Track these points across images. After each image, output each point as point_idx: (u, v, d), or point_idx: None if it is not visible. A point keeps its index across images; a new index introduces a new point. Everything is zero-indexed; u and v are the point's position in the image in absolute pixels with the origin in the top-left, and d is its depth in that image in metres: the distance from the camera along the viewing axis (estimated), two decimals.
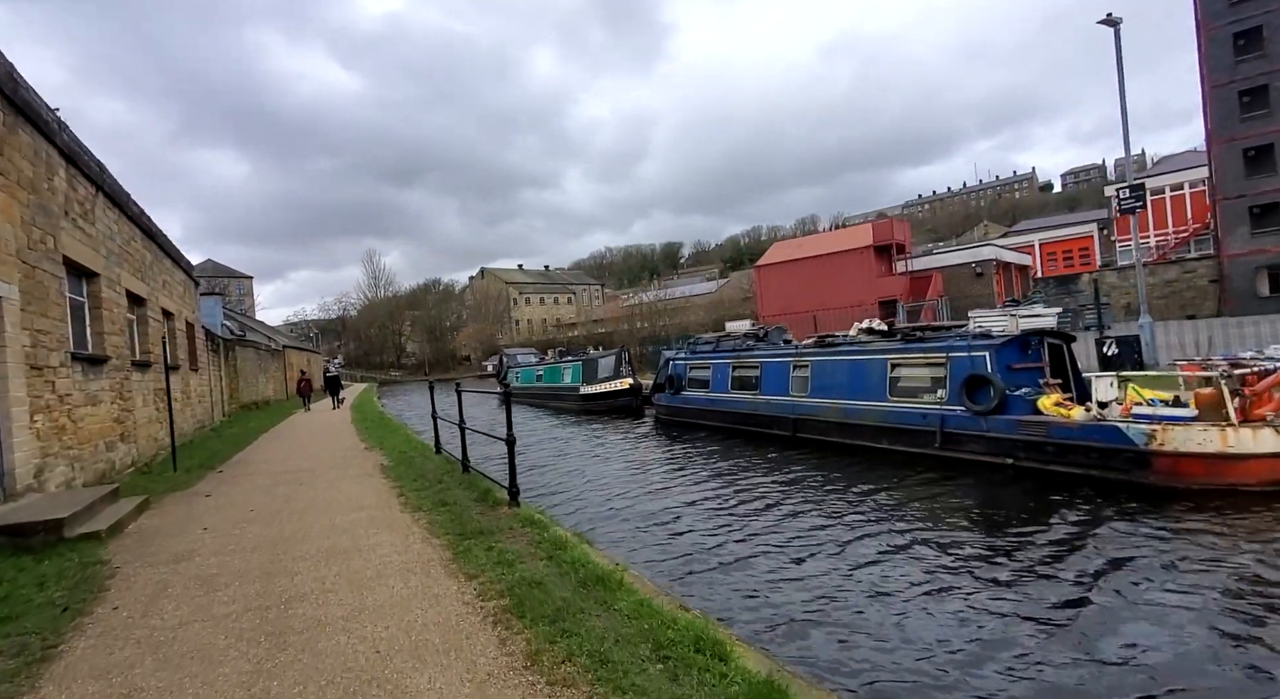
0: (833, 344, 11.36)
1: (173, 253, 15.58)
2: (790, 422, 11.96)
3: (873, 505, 8.12)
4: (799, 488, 9.34)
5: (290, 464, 9.94)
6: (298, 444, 13.04)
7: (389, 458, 9.89)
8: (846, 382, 10.81)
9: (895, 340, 10.31)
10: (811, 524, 7.60)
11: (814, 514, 8.02)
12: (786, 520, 7.84)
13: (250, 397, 28.60)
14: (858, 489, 8.89)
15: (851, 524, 7.49)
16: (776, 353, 12.76)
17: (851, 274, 28.16)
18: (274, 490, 7.67)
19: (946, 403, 9.45)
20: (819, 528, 7.40)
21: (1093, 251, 46.44)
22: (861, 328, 11.32)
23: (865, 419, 10.55)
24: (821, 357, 11.47)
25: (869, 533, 7.11)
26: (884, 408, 10.20)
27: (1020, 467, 8.70)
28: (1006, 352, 9.04)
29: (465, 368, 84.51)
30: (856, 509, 8.04)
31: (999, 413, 8.85)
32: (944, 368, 9.39)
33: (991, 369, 9.00)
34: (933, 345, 9.82)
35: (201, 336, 19.17)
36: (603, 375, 21.01)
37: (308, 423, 19.86)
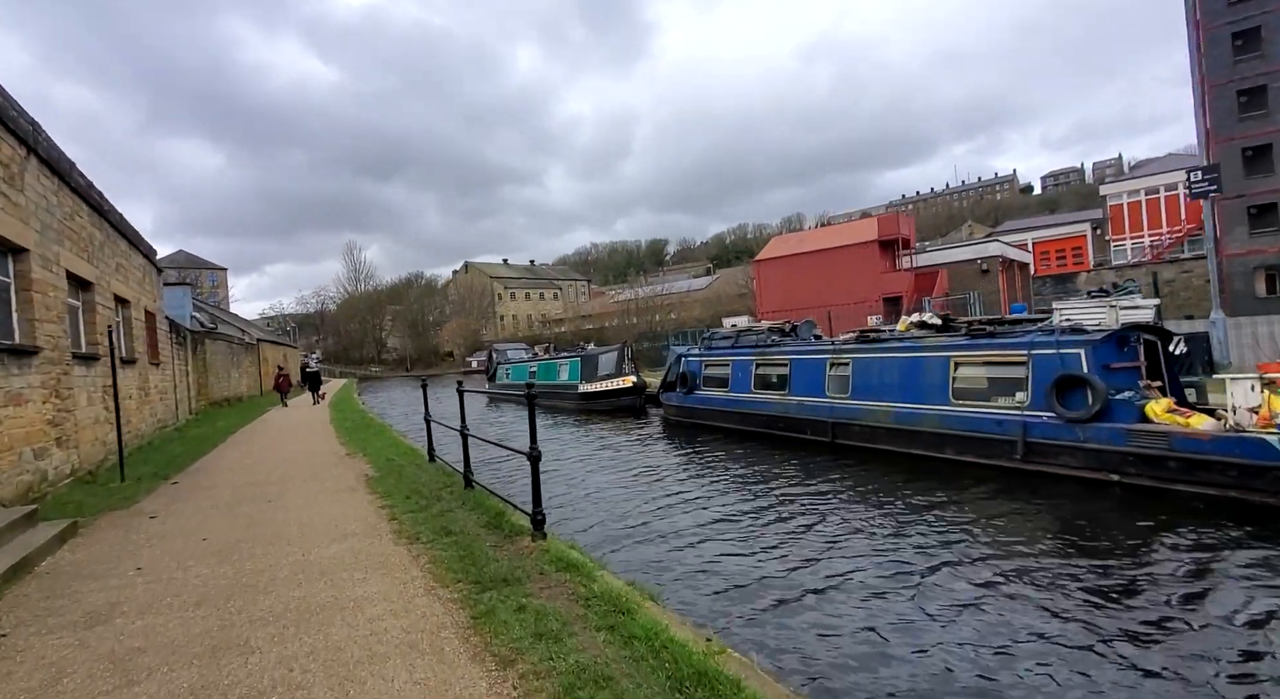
0: (878, 340, 10.24)
1: (130, 234, 14.03)
2: (827, 426, 10.78)
3: (943, 526, 7.02)
4: (848, 502, 8.23)
5: (258, 474, 8.60)
6: (269, 448, 11.65)
7: (374, 466, 8.60)
8: (898, 382, 9.69)
9: (958, 336, 9.25)
10: (879, 547, 6.51)
11: (877, 535, 6.92)
12: (845, 541, 6.75)
13: (221, 393, 26.86)
14: (919, 505, 7.76)
15: (924, 547, 6.42)
16: (809, 349, 11.61)
17: (855, 269, 27.28)
18: (235, 510, 6.36)
19: (1029, 408, 8.25)
20: (891, 555, 6.30)
21: (1085, 251, 46.34)
22: (913, 321, 10.24)
23: (923, 425, 9.33)
24: (866, 353, 10.30)
25: (947, 560, 6.04)
26: (946, 412, 9.05)
27: (1129, 484, 7.51)
28: (1103, 349, 7.87)
29: (448, 364, 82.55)
30: (925, 530, 6.95)
31: (1099, 421, 7.63)
32: (1025, 367, 8.26)
33: (1088, 369, 7.78)
34: (1009, 342, 8.57)
35: (164, 328, 17.56)
36: (603, 373, 19.74)
37: (282, 422, 18.36)
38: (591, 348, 22.91)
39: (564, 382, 21.70)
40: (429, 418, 8.74)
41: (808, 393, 11.02)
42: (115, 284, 12.28)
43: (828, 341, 11.51)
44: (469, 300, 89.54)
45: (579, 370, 20.91)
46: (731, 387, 13.04)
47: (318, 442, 12.19)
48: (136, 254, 14.65)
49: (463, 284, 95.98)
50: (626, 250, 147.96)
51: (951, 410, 8.91)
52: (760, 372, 12.36)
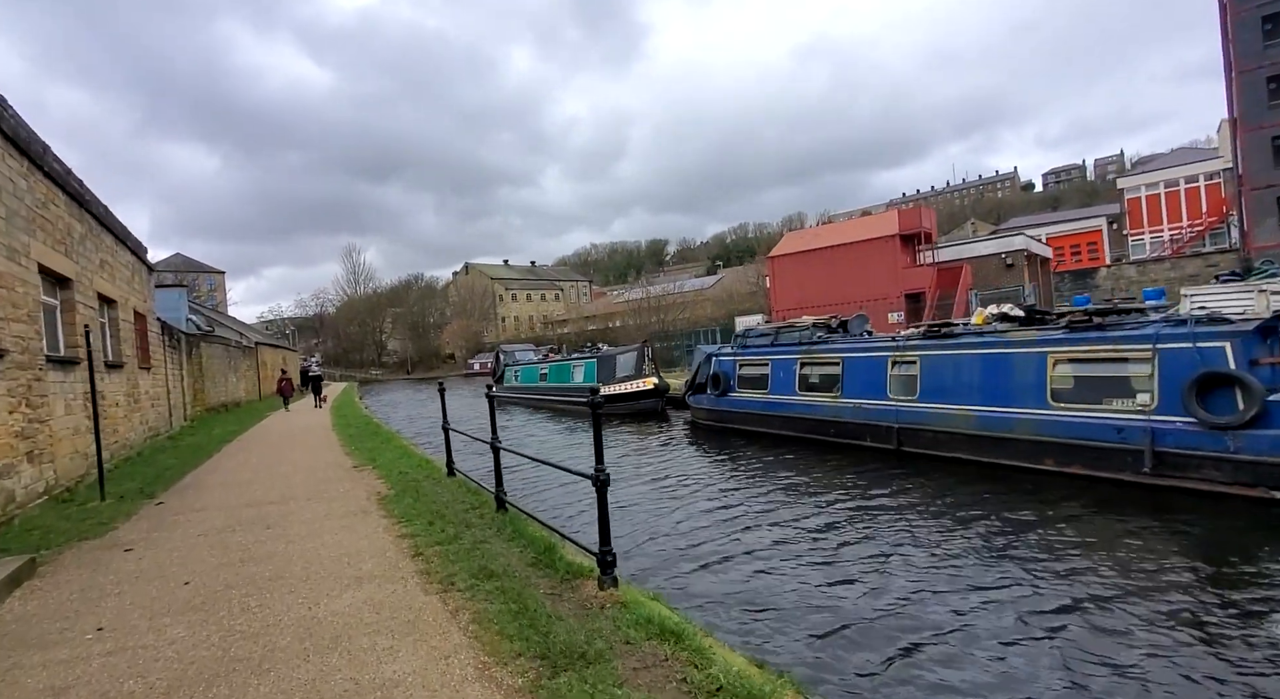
0: (950, 334, 9.20)
1: (117, 230, 13.06)
2: (891, 431, 9.71)
3: (1062, 553, 5.98)
4: (929, 518, 7.21)
5: (255, 491, 7.61)
6: (268, 459, 10.67)
7: (387, 482, 7.62)
8: (979, 382, 8.60)
9: (1052, 328, 8.22)
10: (988, 579, 5.53)
11: (980, 562, 5.95)
12: (941, 569, 5.77)
13: (218, 398, 25.87)
14: (1021, 526, 6.68)
15: (1042, 579, 5.44)
16: (865, 346, 10.53)
17: (875, 264, 26.30)
18: (227, 539, 5.38)
19: (1156, 412, 7.09)
20: (1008, 591, 5.31)
21: (1101, 246, 45.39)
22: (992, 314, 9.22)
23: (1016, 431, 8.14)
24: (937, 350, 9.21)
25: (1078, 598, 5.07)
26: (1045, 417, 7.89)
27: None
28: (1252, 341, 6.67)
29: (450, 366, 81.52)
30: (1037, 558, 5.95)
31: (1256, 427, 6.47)
32: (1148, 364, 7.14)
33: (1236, 365, 6.65)
34: (1126, 335, 7.36)
35: (156, 330, 16.58)
36: (622, 374, 18.69)
37: (283, 428, 17.39)
38: (606, 348, 21.86)
39: (578, 384, 20.61)
40: (448, 427, 7.76)
41: (865, 395, 9.98)
42: (99, 282, 11.30)
43: (885, 338, 10.45)
44: (470, 302, 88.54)
45: (595, 372, 19.81)
46: (771, 388, 12.00)
47: (321, 451, 11.20)
48: (124, 251, 13.68)
49: (463, 285, 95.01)
50: (626, 251, 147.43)
51: (1051, 414, 7.77)
52: (806, 371, 11.31)
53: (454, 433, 7.84)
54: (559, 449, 14.83)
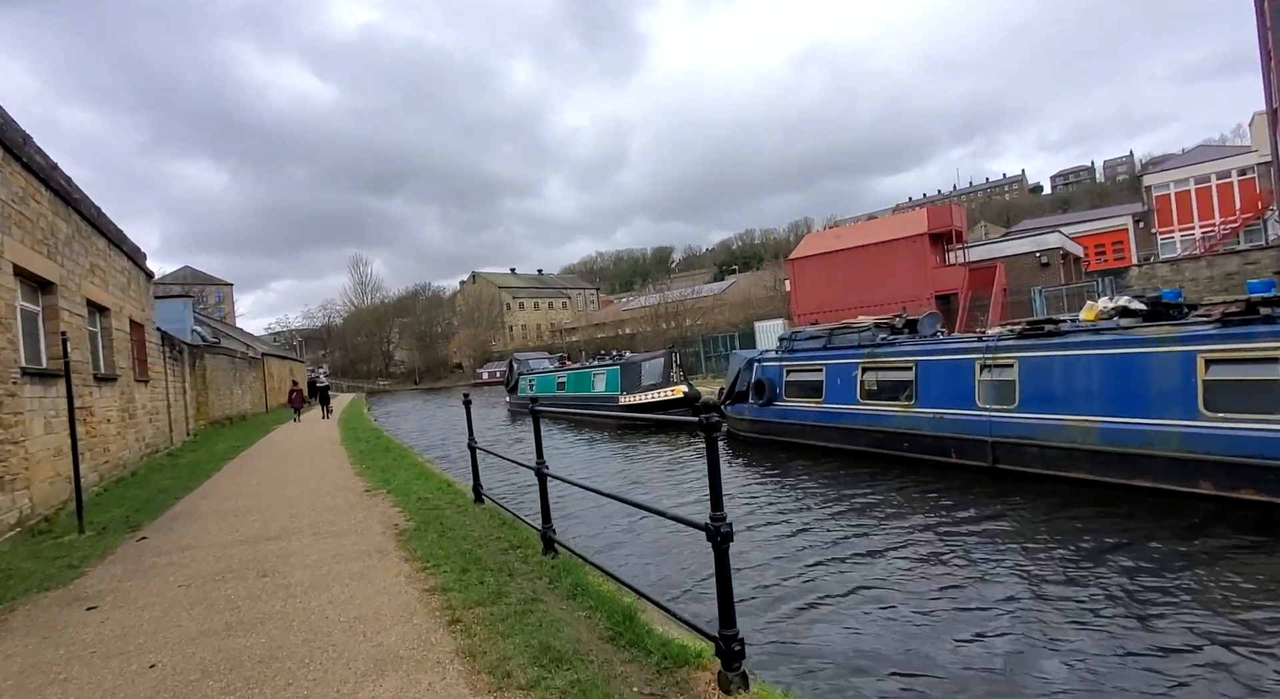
0: (1056, 332, 8.07)
1: (111, 233, 12.20)
2: (984, 446, 8.46)
3: (1239, 602, 4.90)
4: (1053, 553, 6.07)
5: (252, 522, 6.61)
6: (271, 480, 9.68)
7: (405, 509, 6.60)
8: (1102, 388, 7.34)
9: (1206, 321, 6.82)
10: (1169, 637, 4.44)
11: (1144, 613, 4.85)
12: (1102, 620, 4.68)
13: (223, 411, 25.02)
14: (1179, 560, 5.61)
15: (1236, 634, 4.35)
16: (945, 348, 9.29)
17: (903, 265, 25.19)
18: (212, 593, 4.36)
19: None
20: (1201, 663, 4.22)
21: (1127, 245, 44.10)
22: (1112, 307, 8.07)
23: (1156, 447, 6.86)
24: (1041, 351, 7.97)
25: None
26: (1198, 430, 6.53)
27: None
28: None
29: (457, 376, 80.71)
30: (1213, 609, 4.86)
31: None
32: None
33: None
34: None
35: (155, 341, 15.71)
36: (648, 382, 17.49)
37: (288, 443, 16.44)
38: (629, 355, 20.71)
39: (600, 393, 19.40)
40: (475, 445, 6.73)
41: (946, 403, 8.81)
42: (89, 287, 10.40)
43: (968, 338, 9.27)
44: (477, 311, 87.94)
45: (618, 380, 18.54)
46: (827, 396, 10.86)
47: (329, 470, 10.20)
48: (120, 256, 12.81)
49: (470, 294, 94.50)
50: (632, 258, 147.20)
51: (1207, 427, 6.48)
52: (869, 377, 10.15)
53: (484, 454, 6.79)
54: (583, 465, 13.77)
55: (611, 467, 13.23)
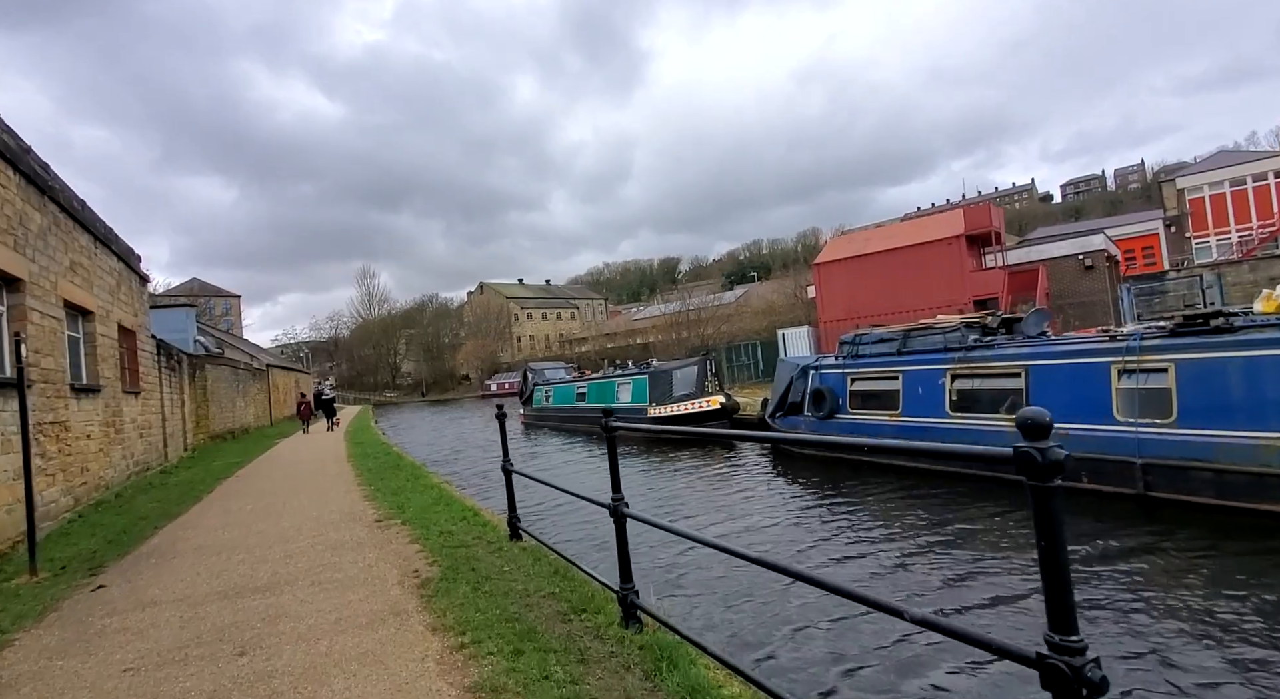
0: (1227, 328, 6.73)
1: (98, 230, 11.14)
2: (1131, 470, 7.03)
3: None
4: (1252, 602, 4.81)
5: (238, 565, 5.39)
6: (267, 505, 8.47)
7: (426, 548, 5.37)
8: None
9: None
10: None
11: None
12: None
13: (224, 424, 23.90)
14: None
15: None
16: (1066, 350, 7.77)
17: (938, 269, 23.91)
18: (164, 691, 3.12)
19: None
20: None
21: (1158, 250, 42.67)
22: None
23: None
24: (1205, 352, 6.51)
25: None
26: None
27: None
28: None
29: (465, 387, 79.60)
30: None
31: None
32: None
33: None
34: None
35: (149, 350, 14.63)
36: (680, 392, 16.03)
37: (291, 458, 15.25)
38: (656, 362, 19.36)
39: (625, 404, 17.88)
40: (511, 468, 5.49)
41: (1072, 417, 7.22)
42: (67, 287, 9.30)
43: (1096, 337, 7.81)
44: (485, 321, 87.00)
45: (647, 390, 17.07)
46: (905, 408, 9.47)
47: (334, 493, 8.98)
48: (107, 256, 11.74)
49: (478, 305, 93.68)
50: (639, 269, 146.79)
51: None
52: (961, 385, 8.79)
53: (523, 477, 5.55)
54: (594, 471, 12.46)
55: (639, 485, 11.96)
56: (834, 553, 7.03)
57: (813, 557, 6.95)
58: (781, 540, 7.67)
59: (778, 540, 7.71)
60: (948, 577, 6.03)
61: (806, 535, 7.78)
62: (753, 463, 12.76)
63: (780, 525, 8.34)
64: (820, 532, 7.90)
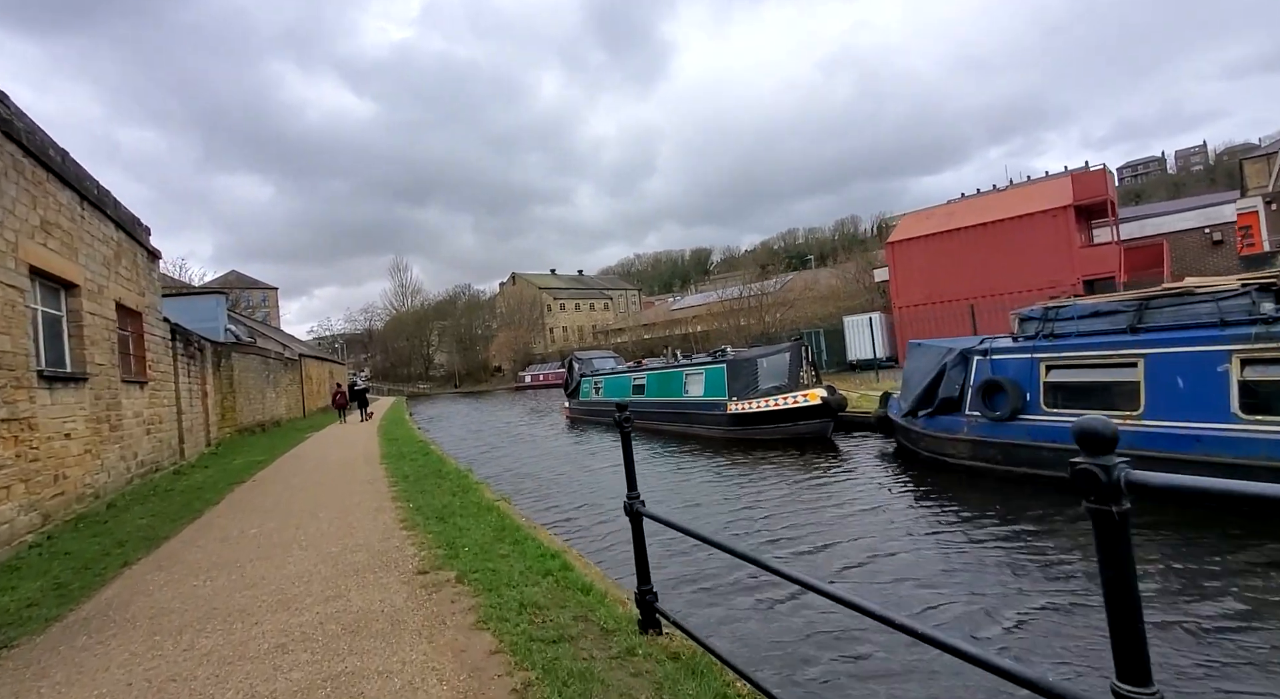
0: None
1: (86, 189, 9.33)
2: None
3: None
4: None
5: (204, 659, 3.33)
6: (275, 533, 6.49)
7: (506, 646, 3.22)
8: None
9: None
10: None
11: None
12: None
13: (252, 417, 22.48)
14: None
15: None
16: None
17: (1040, 244, 20.93)
18: None
19: None
20: None
21: (1257, 229, 38.34)
22: None
23: None
24: None
25: None
26: None
27: None
28: None
29: (498, 379, 78.44)
30: None
31: None
32: None
33: None
34: None
35: (161, 334, 12.94)
36: (768, 384, 13.55)
37: (316, 458, 13.46)
38: (730, 350, 16.78)
39: (696, 398, 15.51)
40: (643, 509, 3.26)
41: None
42: (33, 249, 7.43)
43: None
44: (518, 312, 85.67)
45: (725, 381, 14.53)
46: (1151, 407, 6.30)
47: (363, 514, 6.96)
48: (100, 221, 9.95)
49: (510, 296, 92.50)
50: (670, 260, 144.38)
51: None
52: (1260, 375, 6.15)
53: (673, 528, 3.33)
54: (661, 478, 10.21)
55: (711, 492, 9.69)
56: (954, 592, 4.69)
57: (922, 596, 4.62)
58: (892, 575, 5.37)
59: (893, 574, 5.42)
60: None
61: (929, 568, 5.46)
62: (865, 466, 10.35)
63: (897, 556, 6.05)
64: (949, 565, 5.58)
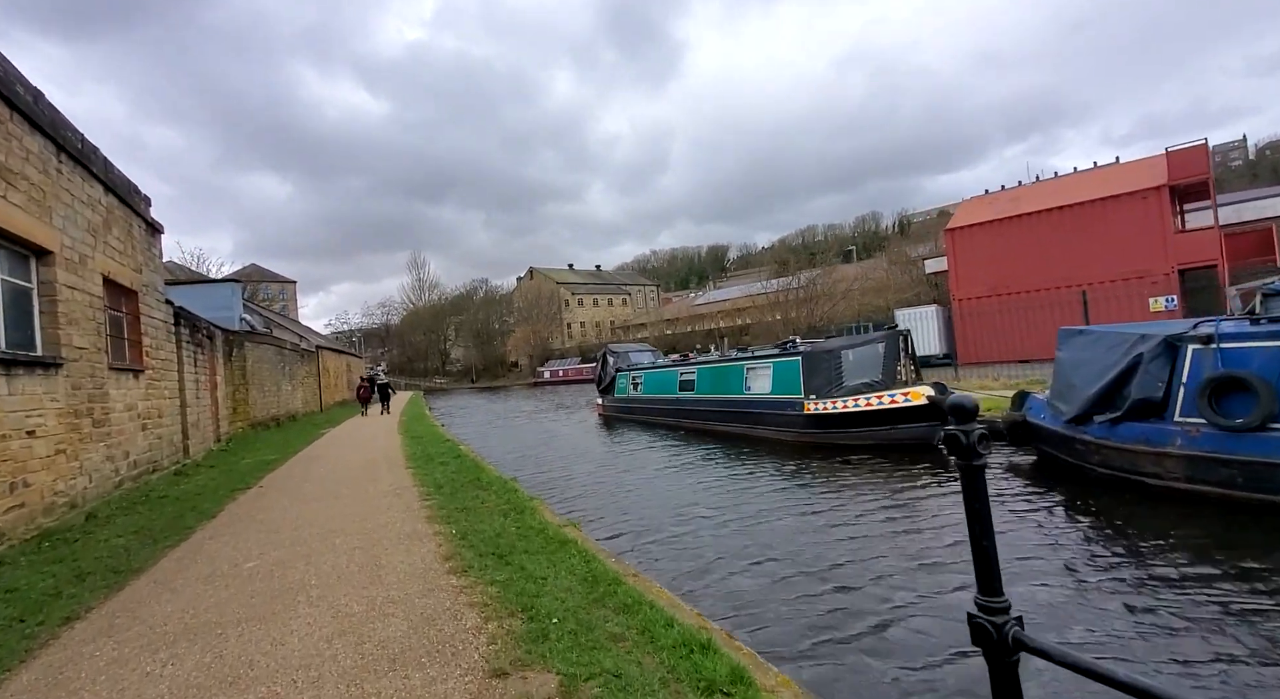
0: None
1: (62, 136, 7.84)
2: None
3: None
4: None
5: None
6: (274, 576, 4.91)
7: None
8: None
9: None
10: None
11: None
12: None
13: (267, 411, 21.15)
14: None
15: None
16: None
17: (1126, 230, 18.89)
18: None
19: None
20: None
21: None
22: None
23: None
24: None
25: None
26: None
27: None
28: None
29: (515, 374, 77.21)
30: None
31: None
32: None
33: None
34: None
35: (161, 317, 11.50)
36: (855, 380, 11.39)
37: (334, 459, 11.96)
38: (800, 341, 14.64)
39: (761, 396, 13.41)
40: (1021, 634, 1.55)
41: None
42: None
43: None
44: (536, 307, 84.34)
45: (799, 377, 12.36)
46: None
47: (392, 543, 5.38)
48: (86, 180, 8.47)
49: (528, 290, 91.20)
50: (687, 256, 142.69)
51: None
52: None
53: None
54: (734, 498, 8.47)
55: (804, 520, 7.96)
56: None
57: None
58: None
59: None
60: None
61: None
62: (1003, 485, 8.54)
63: (1126, 639, 4.29)
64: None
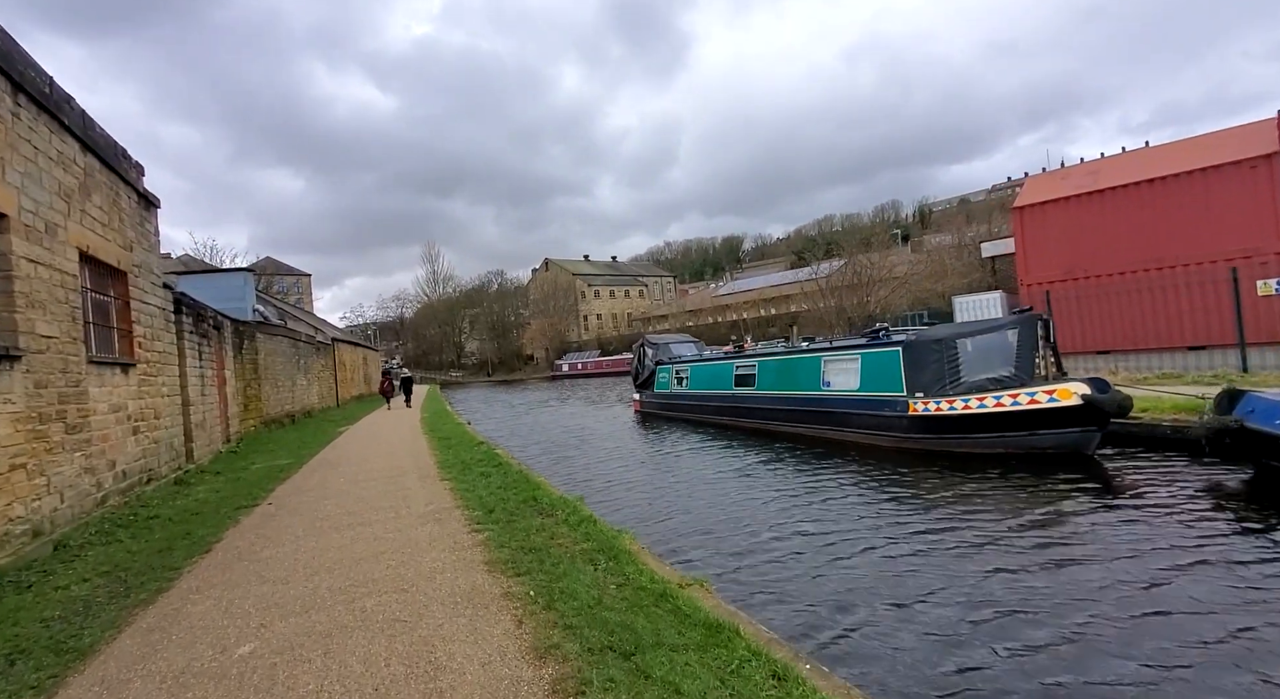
0: None
1: (25, 78, 6.38)
2: None
3: None
4: None
5: None
6: (294, 648, 3.42)
7: None
8: None
9: None
10: None
11: None
12: None
13: (281, 407, 19.87)
14: None
15: None
16: None
17: (1227, 204, 16.89)
18: None
19: None
20: None
21: None
22: None
23: None
24: None
25: None
26: None
27: None
28: None
29: (532, 367, 75.97)
30: None
31: None
32: None
33: None
34: None
35: (159, 304, 10.09)
36: (978, 375, 9.21)
37: (356, 463, 10.53)
38: (884, 328, 12.33)
39: (847, 392, 11.39)
40: None
41: None
42: None
43: None
44: (552, 299, 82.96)
45: (900, 370, 10.23)
46: None
47: (446, 610, 3.92)
48: (58, 134, 7.01)
49: (544, 282, 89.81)
50: (701, 248, 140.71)
51: None
52: None
53: None
54: (845, 526, 6.82)
55: (894, 527, 6.31)
56: None
57: None
58: None
59: None
60: None
61: None
62: (1207, 512, 6.74)
63: None
64: None
